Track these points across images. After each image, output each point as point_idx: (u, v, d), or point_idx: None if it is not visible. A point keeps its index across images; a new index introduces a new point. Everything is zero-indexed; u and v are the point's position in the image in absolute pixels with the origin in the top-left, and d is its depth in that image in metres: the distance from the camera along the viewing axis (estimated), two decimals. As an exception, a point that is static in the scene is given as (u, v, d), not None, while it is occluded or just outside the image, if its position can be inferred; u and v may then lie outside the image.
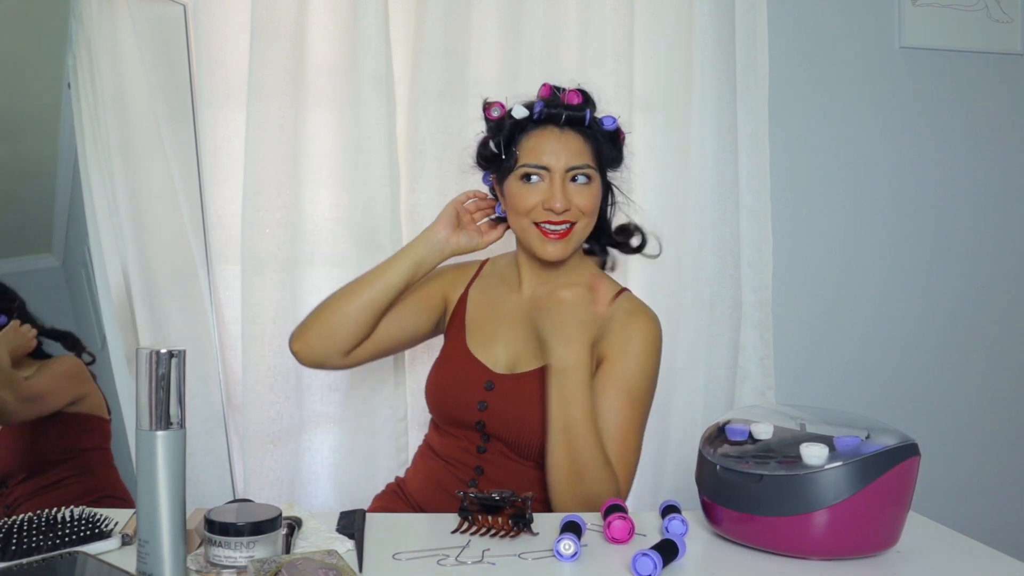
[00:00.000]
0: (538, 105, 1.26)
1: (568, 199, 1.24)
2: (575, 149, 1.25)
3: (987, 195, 2.08)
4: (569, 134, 1.26)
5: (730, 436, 1.01)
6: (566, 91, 1.29)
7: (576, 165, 1.25)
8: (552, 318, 1.19)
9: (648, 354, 1.26)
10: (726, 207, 1.79)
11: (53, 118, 1.63)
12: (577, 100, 1.28)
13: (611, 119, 1.30)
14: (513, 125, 1.27)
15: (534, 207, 1.25)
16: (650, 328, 1.27)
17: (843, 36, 1.99)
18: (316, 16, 1.62)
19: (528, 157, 1.25)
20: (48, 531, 0.90)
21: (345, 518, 1.03)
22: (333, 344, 1.32)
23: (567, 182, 1.25)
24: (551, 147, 1.25)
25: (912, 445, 0.93)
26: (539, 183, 1.25)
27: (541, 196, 1.24)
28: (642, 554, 0.87)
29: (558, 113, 1.26)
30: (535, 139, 1.26)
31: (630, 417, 1.23)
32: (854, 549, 0.92)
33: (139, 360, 0.82)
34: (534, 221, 1.25)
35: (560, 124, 1.26)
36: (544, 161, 1.24)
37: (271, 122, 1.58)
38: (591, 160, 1.27)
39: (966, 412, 2.09)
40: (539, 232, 1.25)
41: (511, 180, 1.27)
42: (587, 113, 1.27)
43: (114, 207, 1.62)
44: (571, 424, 1.15)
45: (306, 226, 1.65)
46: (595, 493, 1.15)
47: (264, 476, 1.62)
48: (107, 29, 1.61)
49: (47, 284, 1.64)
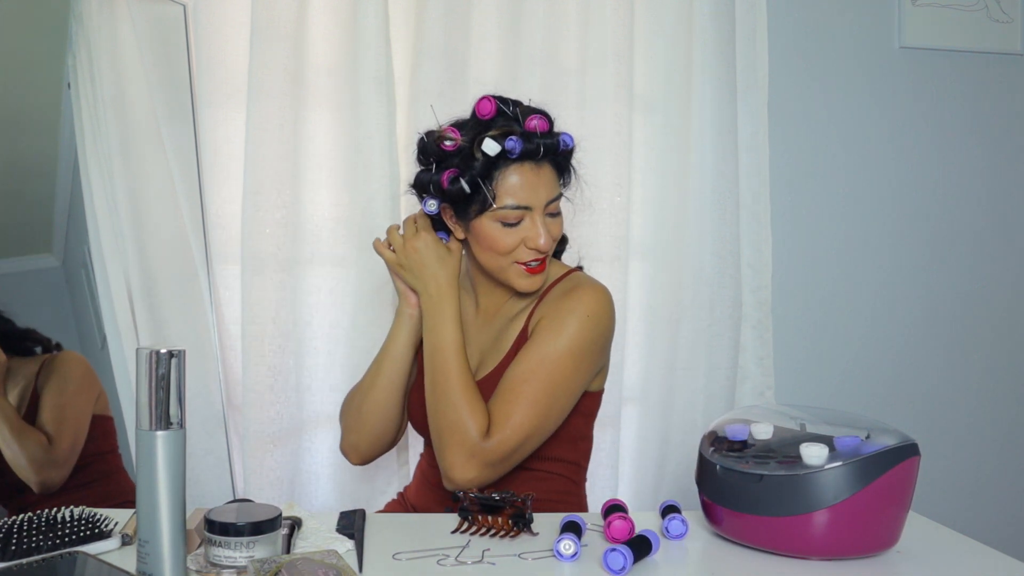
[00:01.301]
0: (514, 143, 1.15)
1: (550, 235, 1.20)
2: (549, 181, 1.20)
3: (987, 195, 2.08)
4: (545, 167, 1.20)
5: (730, 436, 1.01)
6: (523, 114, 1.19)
7: (553, 198, 1.20)
8: (412, 265, 1.23)
9: (581, 316, 1.19)
10: (726, 207, 1.79)
11: (53, 118, 1.63)
12: (546, 126, 1.19)
13: (569, 136, 1.23)
14: (487, 162, 1.17)
15: (515, 247, 1.20)
16: (584, 300, 1.21)
17: (843, 36, 1.99)
18: (316, 16, 1.62)
19: (508, 198, 1.17)
20: (48, 531, 0.90)
21: (345, 518, 1.03)
22: (384, 444, 1.35)
23: (545, 216, 1.20)
24: (532, 183, 1.18)
25: (912, 445, 0.93)
26: (519, 223, 1.19)
27: (522, 235, 1.19)
28: (612, 550, 0.88)
29: (536, 149, 1.17)
30: (514, 176, 1.17)
31: (534, 377, 1.15)
32: (854, 549, 0.92)
33: (139, 360, 0.82)
34: (516, 260, 1.21)
35: (538, 159, 1.18)
36: (525, 201, 1.18)
37: (271, 122, 1.58)
38: (559, 186, 1.23)
39: (966, 412, 2.09)
40: (521, 269, 1.21)
41: (484, 220, 1.19)
42: (560, 140, 1.20)
43: (114, 207, 1.61)
44: (435, 349, 1.19)
45: (306, 226, 1.65)
46: (451, 423, 1.14)
47: (264, 476, 1.62)
48: (107, 29, 1.61)
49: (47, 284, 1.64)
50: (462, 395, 1.15)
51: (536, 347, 1.18)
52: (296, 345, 1.64)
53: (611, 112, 1.72)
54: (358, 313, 1.66)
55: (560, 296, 1.24)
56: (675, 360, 1.81)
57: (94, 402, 1.53)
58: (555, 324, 1.19)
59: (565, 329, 1.19)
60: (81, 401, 1.50)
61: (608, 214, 1.73)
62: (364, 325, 1.65)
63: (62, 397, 1.47)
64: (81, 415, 1.50)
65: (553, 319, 1.20)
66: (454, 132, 1.19)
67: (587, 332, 1.19)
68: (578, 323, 1.19)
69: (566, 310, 1.20)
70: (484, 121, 1.19)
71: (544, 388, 1.16)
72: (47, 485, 1.40)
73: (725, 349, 1.81)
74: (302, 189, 1.64)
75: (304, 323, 1.66)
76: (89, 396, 1.53)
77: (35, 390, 1.46)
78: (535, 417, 1.15)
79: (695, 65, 1.78)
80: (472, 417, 1.14)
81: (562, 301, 1.22)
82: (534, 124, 1.17)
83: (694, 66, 1.78)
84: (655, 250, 1.81)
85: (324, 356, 1.67)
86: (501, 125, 1.18)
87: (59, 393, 1.47)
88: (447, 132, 1.19)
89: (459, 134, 1.19)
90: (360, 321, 1.66)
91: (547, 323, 1.21)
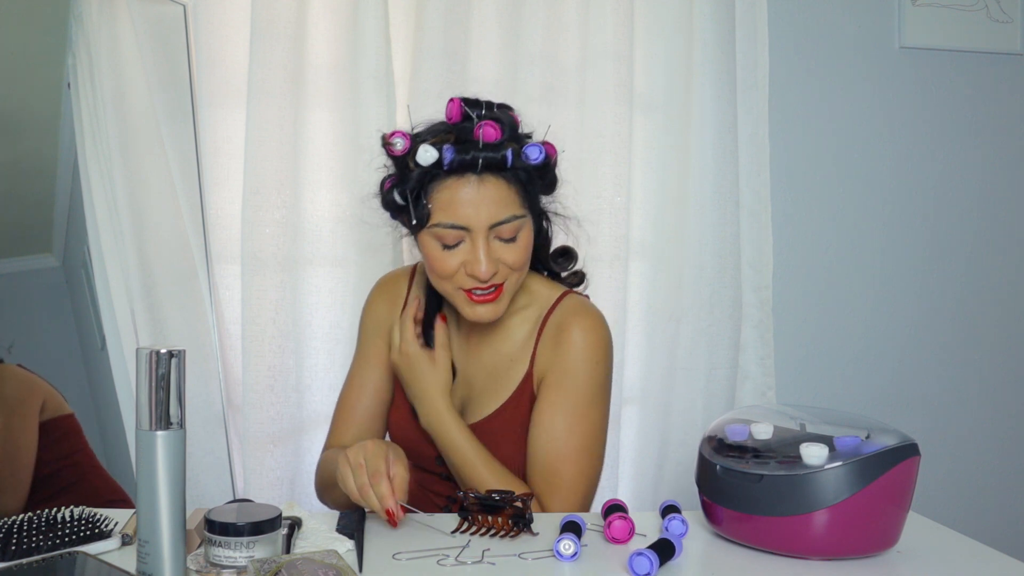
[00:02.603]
0: (448, 153, 1.04)
1: (494, 260, 1.07)
2: (497, 199, 1.06)
3: (987, 195, 2.08)
4: (489, 182, 1.05)
5: (730, 436, 1.01)
6: (479, 119, 1.06)
7: (501, 220, 1.06)
8: (406, 382, 1.17)
9: (588, 360, 1.14)
10: (726, 207, 1.79)
11: (53, 118, 1.63)
12: (494, 136, 1.05)
13: (536, 149, 1.08)
14: (422, 173, 1.06)
15: (455, 271, 1.08)
16: (585, 334, 1.14)
17: (843, 36, 1.99)
18: (316, 16, 1.62)
19: (442, 215, 1.06)
20: (48, 531, 0.90)
21: (345, 518, 1.03)
22: None
23: (491, 240, 1.07)
24: (469, 200, 1.05)
25: (912, 445, 0.93)
26: (459, 245, 1.08)
27: (463, 257, 1.07)
28: (638, 554, 0.87)
29: (474, 160, 1.04)
30: (449, 191, 1.05)
31: (580, 435, 1.13)
32: (854, 549, 0.92)
33: (139, 360, 0.82)
34: (458, 287, 1.10)
35: (478, 171, 1.05)
36: (462, 220, 1.05)
37: (271, 122, 1.58)
38: (518, 206, 1.08)
39: (966, 412, 2.09)
40: (465, 296, 1.10)
41: (424, 236, 1.09)
42: (507, 155, 1.05)
43: (114, 207, 1.61)
44: (458, 472, 1.15)
45: (306, 226, 1.65)
46: None
47: (264, 476, 1.62)
48: (107, 29, 1.61)
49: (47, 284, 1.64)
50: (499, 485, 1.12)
51: (556, 411, 1.13)
52: (296, 345, 1.64)
53: (611, 112, 1.72)
54: (358, 313, 1.66)
55: (556, 335, 1.16)
56: (675, 360, 1.81)
57: (37, 413, 1.44)
58: (565, 381, 1.14)
59: (577, 384, 1.14)
60: (20, 419, 1.41)
61: (608, 214, 1.73)
62: (364, 325, 1.65)
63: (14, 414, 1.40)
64: (23, 434, 1.41)
65: (562, 375, 1.14)
66: (402, 136, 1.09)
67: (598, 375, 1.16)
68: (587, 372, 1.14)
69: (571, 361, 1.13)
70: (448, 126, 1.10)
71: (596, 438, 1.15)
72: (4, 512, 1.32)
73: (725, 349, 1.81)
74: (302, 189, 1.64)
75: (304, 323, 1.66)
76: (30, 410, 1.43)
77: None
78: (600, 458, 1.17)
79: (695, 65, 1.77)
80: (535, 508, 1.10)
81: (560, 348, 1.14)
82: (480, 132, 1.04)
83: (694, 66, 1.78)
84: (655, 250, 1.81)
85: (324, 356, 1.67)
86: (448, 131, 1.08)
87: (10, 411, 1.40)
88: (394, 136, 1.09)
89: (408, 138, 1.09)
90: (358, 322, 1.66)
91: (556, 380, 1.14)
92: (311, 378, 1.67)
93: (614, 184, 1.73)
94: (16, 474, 1.38)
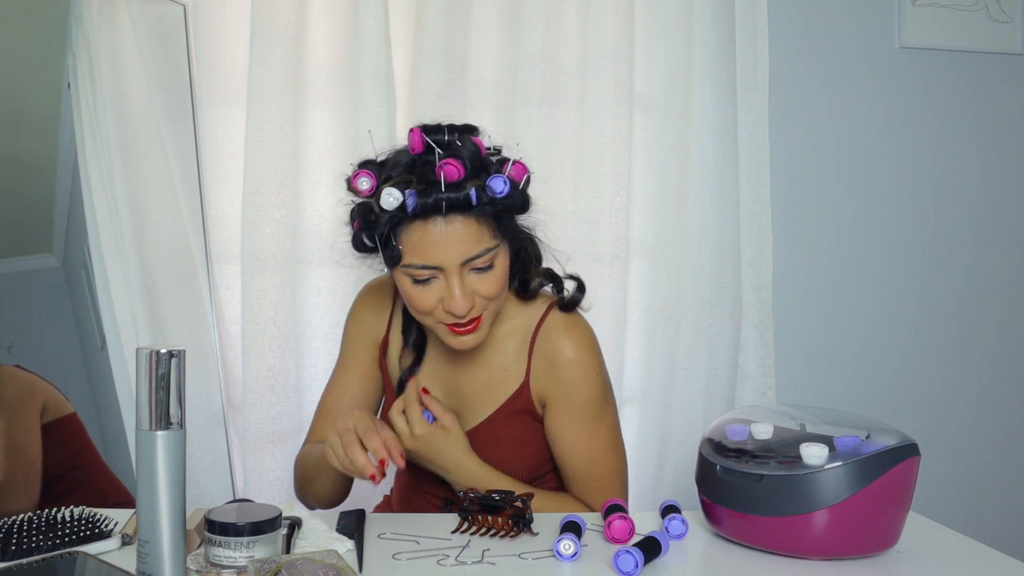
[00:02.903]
0: (411, 199, 1.02)
1: (470, 294, 1.07)
2: (466, 236, 1.04)
3: (987, 195, 2.08)
4: (457, 221, 1.03)
5: (730, 436, 1.01)
6: (440, 153, 1.04)
7: (473, 255, 1.05)
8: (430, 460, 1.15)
9: (587, 375, 1.17)
10: (726, 207, 1.79)
11: (53, 118, 1.63)
12: (456, 175, 1.03)
13: (500, 181, 1.04)
14: (388, 216, 1.04)
15: (434, 307, 1.09)
16: (578, 351, 1.17)
17: (843, 36, 1.99)
18: (316, 16, 1.62)
19: (413, 256, 1.05)
20: (48, 531, 0.90)
21: (345, 518, 1.03)
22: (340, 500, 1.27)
23: (465, 274, 1.07)
24: (437, 242, 1.03)
25: (912, 445, 0.93)
26: (433, 281, 1.07)
27: (438, 293, 1.07)
28: (624, 551, 0.87)
29: (437, 204, 1.02)
30: (417, 233, 1.04)
31: (603, 439, 1.18)
32: (854, 549, 0.92)
33: (139, 360, 0.82)
34: (437, 321, 1.10)
35: (443, 213, 1.03)
36: (432, 260, 1.05)
37: (271, 122, 1.58)
38: (489, 238, 1.06)
39: (966, 412, 2.09)
40: (446, 328, 1.10)
41: (398, 273, 1.09)
42: (471, 194, 1.03)
43: (114, 207, 1.61)
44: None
45: (306, 226, 1.65)
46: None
47: (264, 476, 1.62)
48: (107, 29, 1.61)
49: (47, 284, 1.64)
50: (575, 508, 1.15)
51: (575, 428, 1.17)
52: (296, 345, 1.64)
53: (611, 112, 1.72)
54: (358, 313, 1.66)
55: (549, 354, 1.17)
56: (675, 360, 1.81)
57: (39, 414, 1.44)
58: (573, 401, 1.17)
59: (584, 398, 1.17)
60: (22, 420, 1.41)
61: (608, 214, 1.73)
62: (364, 325, 1.65)
63: (16, 416, 1.40)
64: (27, 434, 1.41)
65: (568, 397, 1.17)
66: (368, 176, 1.07)
67: (599, 383, 1.19)
68: (590, 385, 1.18)
69: (572, 381, 1.16)
70: (411, 160, 1.07)
71: (614, 439, 1.20)
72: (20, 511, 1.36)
73: (725, 349, 1.81)
74: (302, 189, 1.64)
75: (304, 323, 1.66)
76: (32, 411, 1.44)
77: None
78: (624, 457, 1.21)
79: (695, 65, 1.77)
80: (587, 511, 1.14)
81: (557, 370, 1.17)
82: (440, 173, 1.02)
83: (694, 66, 1.78)
84: (655, 250, 1.81)
85: (324, 356, 1.67)
86: (411, 170, 1.06)
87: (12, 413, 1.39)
88: (360, 176, 1.07)
89: (373, 178, 1.07)
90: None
91: (563, 401, 1.17)
92: (311, 378, 1.67)
93: (614, 184, 1.73)
94: (27, 475, 1.38)
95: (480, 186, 1.04)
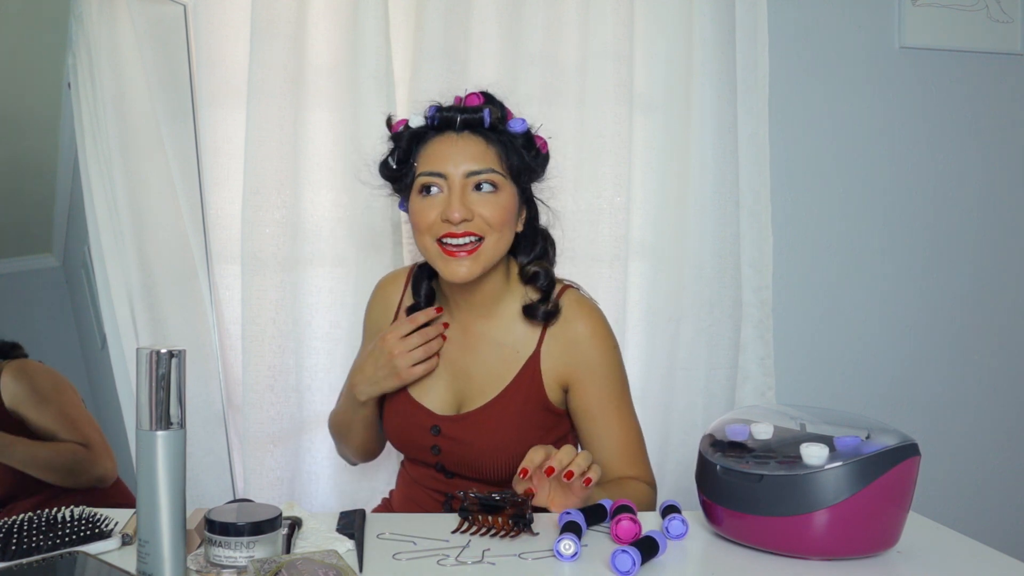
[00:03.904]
0: (431, 111, 1.18)
1: (469, 208, 1.13)
2: (474, 153, 1.15)
3: (987, 195, 2.08)
4: (468, 137, 1.16)
5: (730, 436, 1.01)
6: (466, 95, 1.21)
7: (476, 169, 1.14)
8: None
9: (607, 351, 1.22)
10: (726, 207, 1.79)
11: (53, 118, 1.63)
12: (476, 101, 1.18)
13: (520, 121, 1.19)
14: (411, 136, 1.19)
15: (434, 221, 1.15)
16: (594, 327, 1.22)
17: (843, 36, 1.99)
18: (316, 16, 1.62)
19: (423, 165, 1.17)
20: (48, 531, 0.90)
21: (345, 518, 1.03)
22: (376, 450, 1.42)
23: (468, 191, 1.15)
24: (447, 152, 1.15)
25: (912, 445, 0.93)
26: (438, 195, 1.15)
27: (440, 207, 1.14)
28: (620, 551, 0.88)
29: (452, 117, 1.16)
30: (431, 146, 1.17)
31: (630, 412, 1.25)
32: (854, 549, 0.92)
33: (139, 360, 0.82)
34: (435, 238, 1.15)
35: (457, 128, 1.17)
36: (439, 167, 1.15)
37: (271, 122, 1.58)
38: (497, 165, 1.16)
39: (966, 412, 2.09)
40: (441, 251, 1.15)
41: (412, 197, 1.18)
42: (485, 113, 1.16)
43: (114, 207, 1.61)
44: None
45: (306, 226, 1.65)
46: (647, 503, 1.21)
47: (264, 476, 1.62)
48: (107, 29, 1.61)
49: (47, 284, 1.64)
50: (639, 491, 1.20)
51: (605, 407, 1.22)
52: (296, 345, 1.64)
53: (611, 112, 1.72)
54: (358, 313, 1.65)
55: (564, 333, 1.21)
56: (675, 360, 1.81)
57: (78, 396, 1.53)
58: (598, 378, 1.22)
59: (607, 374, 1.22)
60: (69, 399, 1.52)
61: (608, 214, 1.73)
62: (364, 325, 1.65)
63: (58, 406, 1.47)
64: (79, 408, 1.51)
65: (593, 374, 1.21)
66: (403, 121, 1.22)
67: (616, 357, 1.25)
68: (610, 360, 1.23)
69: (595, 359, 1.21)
70: None
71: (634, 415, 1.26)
72: (105, 479, 1.46)
73: (725, 349, 1.81)
74: (302, 189, 1.64)
75: (304, 323, 1.66)
76: (71, 393, 1.53)
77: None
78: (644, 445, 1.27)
79: (695, 65, 1.77)
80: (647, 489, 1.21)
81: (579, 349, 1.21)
82: (462, 98, 1.19)
83: (694, 66, 1.78)
84: (655, 250, 1.81)
85: (324, 356, 1.67)
86: None
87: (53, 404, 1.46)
88: (399, 123, 1.23)
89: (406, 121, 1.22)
90: (360, 321, 1.65)
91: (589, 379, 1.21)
92: (311, 378, 1.67)
93: (614, 184, 1.73)
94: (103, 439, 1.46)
95: (495, 114, 1.17)
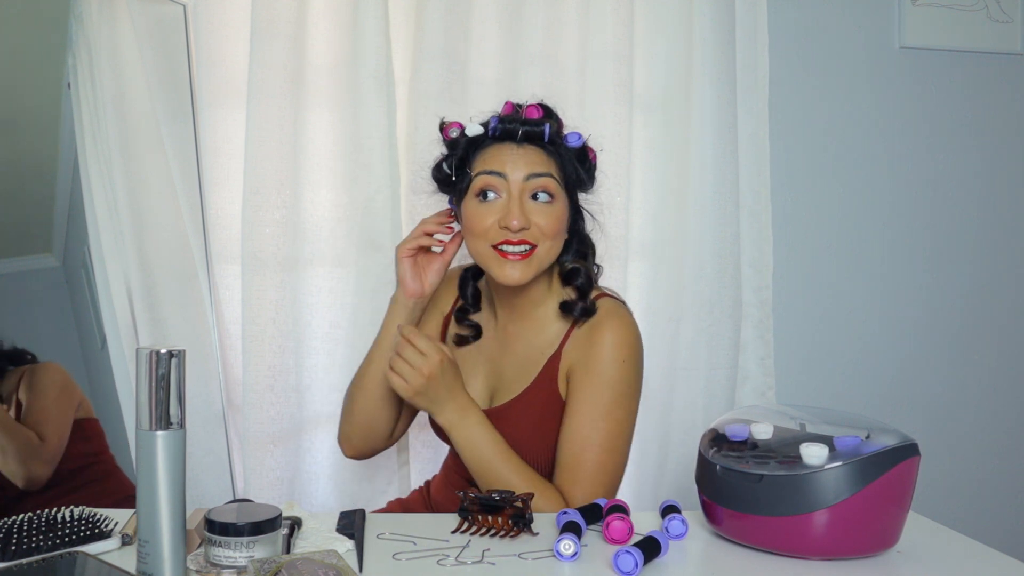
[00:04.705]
0: (493, 121, 1.19)
1: (527, 217, 1.15)
2: (536, 160, 1.18)
3: (987, 195, 2.08)
4: (528, 148, 1.18)
5: (730, 436, 1.01)
6: (526, 106, 1.22)
7: (537, 172, 1.17)
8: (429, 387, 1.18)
9: (616, 360, 1.18)
10: (726, 207, 1.79)
11: (53, 118, 1.63)
12: (536, 114, 1.20)
13: (577, 135, 1.22)
14: (468, 143, 1.20)
15: (490, 227, 1.16)
16: (615, 333, 1.19)
17: (843, 36, 1.99)
18: (316, 16, 1.62)
19: (483, 165, 1.18)
20: (48, 531, 0.90)
21: (345, 518, 1.03)
22: (376, 438, 1.34)
23: (526, 198, 1.17)
24: (507, 156, 1.17)
25: (912, 445, 0.94)
26: (496, 200, 1.17)
27: (498, 214, 1.16)
28: (623, 551, 0.88)
29: (514, 128, 1.18)
30: (491, 152, 1.19)
31: (605, 430, 1.17)
32: (854, 549, 0.92)
33: (139, 360, 0.82)
34: (491, 244, 1.17)
35: (517, 140, 1.18)
36: (500, 167, 1.17)
37: (271, 122, 1.58)
38: (555, 173, 1.19)
39: (966, 412, 2.09)
40: (496, 254, 1.16)
41: (467, 200, 1.20)
42: (546, 127, 1.19)
43: (114, 207, 1.61)
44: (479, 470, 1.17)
45: (306, 226, 1.65)
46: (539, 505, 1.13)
47: (264, 476, 1.62)
48: (107, 29, 1.61)
49: (47, 284, 1.64)
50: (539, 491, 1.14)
51: (582, 408, 1.17)
52: (296, 345, 1.64)
53: (611, 112, 1.72)
54: (358, 313, 1.66)
55: (589, 332, 1.20)
56: (675, 360, 1.81)
57: (76, 407, 1.55)
58: (593, 379, 1.17)
59: (604, 381, 1.17)
60: (63, 405, 1.54)
61: (608, 214, 1.73)
62: (364, 325, 1.65)
63: (45, 401, 1.51)
64: (64, 418, 1.53)
65: (590, 373, 1.17)
66: (458, 126, 1.23)
67: (625, 373, 1.19)
68: (615, 370, 1.17)
69: (600, 359, 1.17)
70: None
71: (622, 432, 1.19)
72: (33, 480, 1.46)
73: (725, 349, 1.81)
74: (302, 189, 1.64)
75: (304, 323, 1.66)
76: (71, 401, 1.55)
77: (17, 400, 1.49)
78: (625, 454, 1.20)
79: (695, 65, 1.77)
80: (547, 502, 1.14)
81: (591, 346, 1.18)
82: (524, 111, 1.20)
83: (694, 66, 1.77)
84: (655, 250, 1.81)
85: (324, 356, 1.67)
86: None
87: (42, 398, 1.51)
88: (451, 127, 1.23)
89: (461, 125, 1.23)
90: (360, 321, 1.66)
91: (584, 377, 1.18)
92: (311, 378, 1.67)
93: (614, 184, 1.73)
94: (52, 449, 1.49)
95: (555, 128, 1.20)
